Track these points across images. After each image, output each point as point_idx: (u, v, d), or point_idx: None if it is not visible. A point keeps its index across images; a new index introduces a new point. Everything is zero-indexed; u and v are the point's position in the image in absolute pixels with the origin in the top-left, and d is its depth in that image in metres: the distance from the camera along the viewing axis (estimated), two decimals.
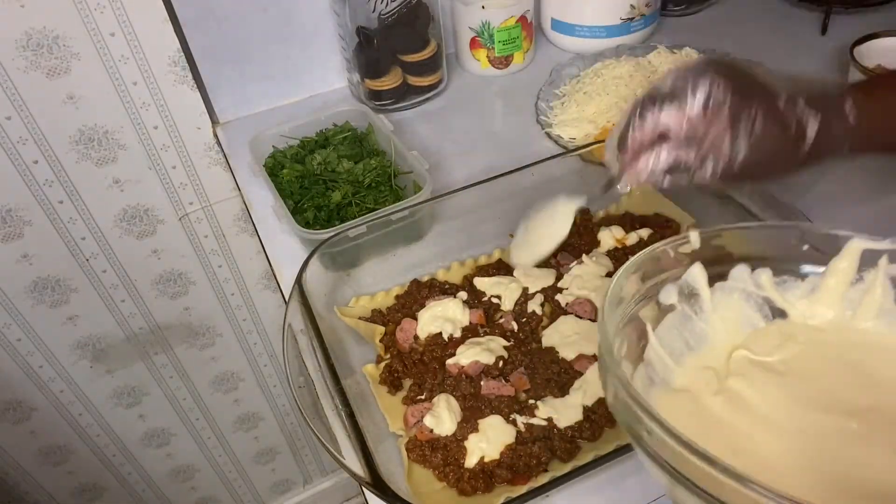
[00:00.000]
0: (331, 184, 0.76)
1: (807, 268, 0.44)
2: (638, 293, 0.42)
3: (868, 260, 0.42)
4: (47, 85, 0.82)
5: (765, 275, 0.44)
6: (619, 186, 0.58)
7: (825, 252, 0.43)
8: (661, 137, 0.53)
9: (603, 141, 0.76)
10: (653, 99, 0.53)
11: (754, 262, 0.44)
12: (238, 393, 1.29)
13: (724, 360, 0.42)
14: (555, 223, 0.64)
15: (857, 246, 0.42)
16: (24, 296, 0.97)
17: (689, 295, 0.43)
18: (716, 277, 0.44)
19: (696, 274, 0.43)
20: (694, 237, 0.43)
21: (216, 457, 1.37)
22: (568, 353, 0.61)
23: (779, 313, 0.44)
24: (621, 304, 0.41)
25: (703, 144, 0.51)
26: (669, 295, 0.43)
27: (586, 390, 0.58)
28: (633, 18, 0.98)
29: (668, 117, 0.52)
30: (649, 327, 0.41)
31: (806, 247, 0.43)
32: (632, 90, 0.85)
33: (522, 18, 0.95)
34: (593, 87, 0.89)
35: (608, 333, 0.38)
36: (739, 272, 0.44)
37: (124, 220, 0.97)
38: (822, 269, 0.43)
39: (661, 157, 0.53)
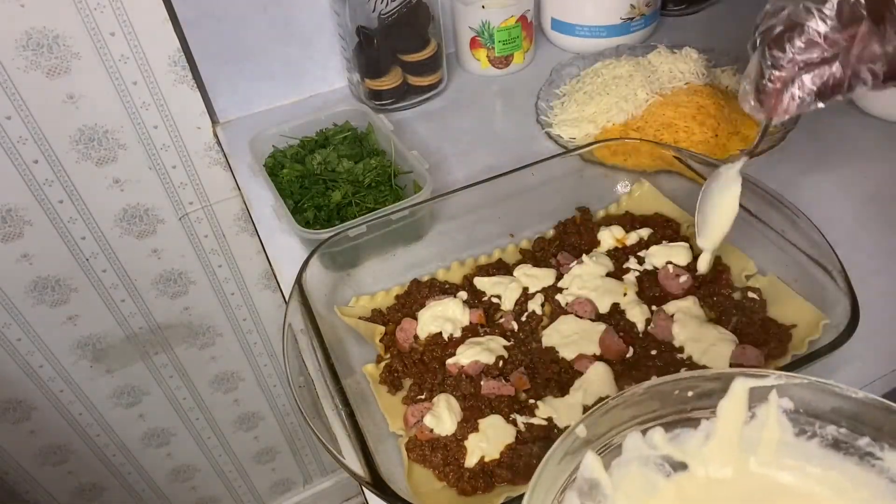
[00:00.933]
0: (331, 184, 0.76)
1: (698, 413, 0.42)
2: None
3: (759, 396, 0.40)
4: (47, 84, 0.82)
5: (657, 434, 0.41)
6: (774, 122, 0.54)
7: (712, 396, 0.41)
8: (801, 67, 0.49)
9: (603, 141, 0.77)
10: (775, 39, 0.49)
11: (646, 423, 0.41)
12: (238, 393, 1.29)
13: None
14: (725, 193, 0.62)
15: (741, 386, 0.40)
16: (24, 295, 0.97)
17: (590, 487, 0.40)
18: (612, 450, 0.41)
19: (590, 463, 0.39)
20: (580, 429, 0.39)
21: (216, 456, 1.37)
22: (568, 353, 0.61)
23: (680, 466, 0.42)
24: None
25: (849, 54, 0.47)
26: (572, 500, 0.39)
27: (586, 390, 0.58)
28: (634, 18, 0.98)
29: (802, 52, 0.48)
30: None
31: (691, 393, 0.41)
32: (632, 90, 0.85)
33: (522, 18, 0.95)
34: (593, 86, 0.89)
35: None
36: (632, 441, 0.41)
37: (124, 219, 0.97)
38: (712, 413, 0.41)
39: (807, 85, 0.49)
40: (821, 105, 0.51)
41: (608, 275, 0.67)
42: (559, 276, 0.68)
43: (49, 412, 1.11)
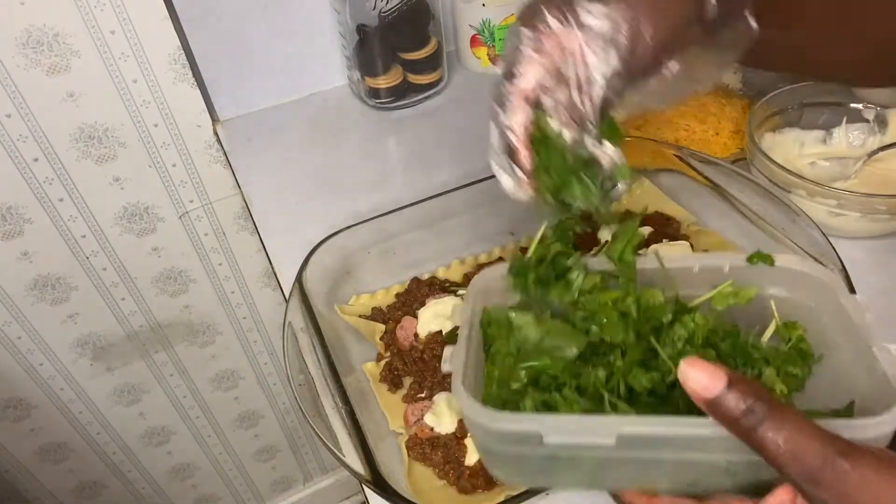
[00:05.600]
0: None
1: None
2: None
3: None
4: (47, 82, 0.82)
5: None
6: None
7: None
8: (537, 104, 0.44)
9: None
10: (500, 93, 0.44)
11: None
12: (238, 391, 1.29)
13: None
14: None
15: None
16: (24, 294, 0.97)
17: None
18: None
19: None
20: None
21: (216, 455, 1.37)
22: None
23: None
24: None
25: (571, 71, 0.42)
26: None
27: None
28: None
29: (521, 84, 0.43)
30: None
31: None
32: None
33: None
34: None
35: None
36: None
37: (124, 217, 0.97)
38: None
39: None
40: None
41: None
42: None
43: (49, 410, 1.11)
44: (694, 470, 0.39)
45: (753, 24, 0.45)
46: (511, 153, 0.45)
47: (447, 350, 0.43)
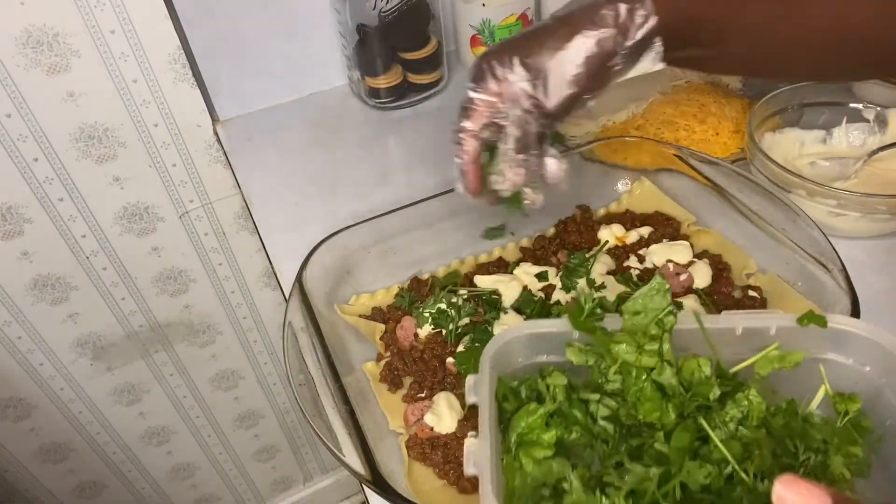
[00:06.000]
0: None
1: None
2: None
3: None
4: (47, 82, 0.81)
5: None
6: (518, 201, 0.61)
7: None
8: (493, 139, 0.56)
9: (604, 139, 0.76)
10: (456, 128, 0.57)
11: None
12: (238, 391, 1.29)
13: None
14: None
15: None
16: (24, 293, 0.97)
17: None
18: None
19: None
20: None
21: (216, 454, 1.37)
22: None
23: None
24: None
25: (517, 103, 0.53)
26: None
27: None
28: None
29: (469, 118, 0.55)
30: None
31: None
32: (633, 88, 0.85)
33: (523, 16, 0.95)
34: None
35: None
36: None
37: (124, 217, 0.97)
38: None
39: (510, 142, 0.55)
40: (522, 158, 0.56)
41: (608, 273, 0.67)
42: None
43: (49, 410, 1.11)
44: None
45: (660, 52, 0.51)
46: (462, 174, 0.59)
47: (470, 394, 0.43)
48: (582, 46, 0.51)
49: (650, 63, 0.52)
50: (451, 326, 0.64)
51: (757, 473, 0.37)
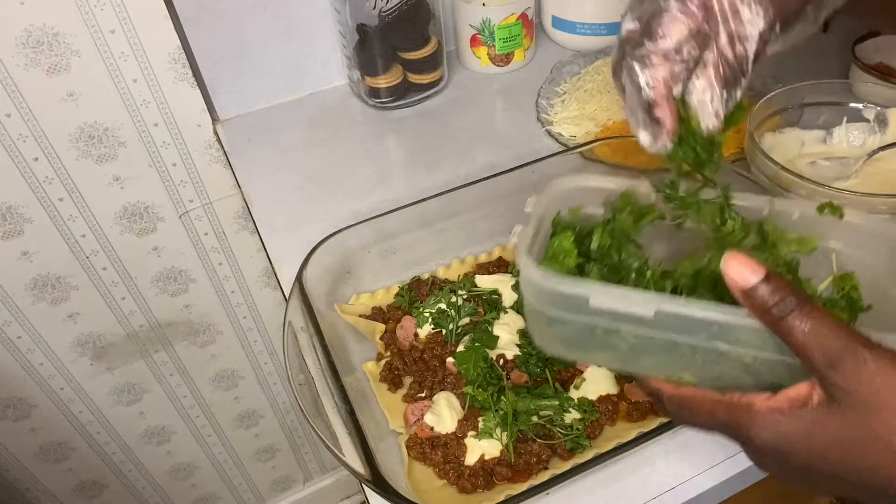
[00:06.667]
0: None
1: None
2: None
3: None
4: (47, 82, 0.81)
5: None
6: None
7: None
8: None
9: (604, 139, 0.76)
10: (631, 43, 0.46)
11: None
12: (238, 390, 1.29)
13: None
14: None
15: None
16: (24, 293, 0.97)
17: None
18: None
19: None
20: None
21: (216, 454, 1.37)
22: None
23: None
24: None
25: (719, 29, 0.43)
26: None
27: (587, 388, 0.58)
28: None
29: (666, 35, 0.44)
30: None
31: None
32: None
33: (523, 16, 0.95)
34: (594, 84, 0.89)
35: None
36: None
37: (124, 217, 0.97)
38: None
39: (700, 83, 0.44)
40: (736, 94, 0.45)
41: None
42: None
43: (49, 410, 1.11)
44: (720, 363, 0.40)
45: None
46: (650, 108, 0.45)
47: (516, 227, 0.47)
48: None
49: None
50: (451, 326, 0.64)
51: None
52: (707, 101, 0.45)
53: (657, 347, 0.41)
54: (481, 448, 0.55)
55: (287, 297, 0.62)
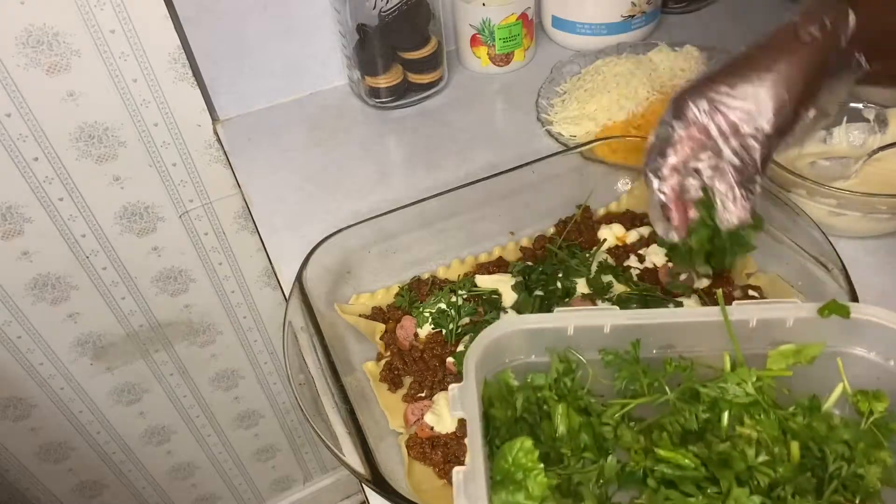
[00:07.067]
0: None
1: None
2: None
3: None
4: (47, 82, 0.81)
5: None
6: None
7: None
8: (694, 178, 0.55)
9: (604, 138, 0.76)
10: (651, 158, 0.56)
11: None
12: (238, 390, 1.29)
13: None
14: None
15: None
16: (24, 293, 0.97)
17: None
18: None
19: None
20: None
21: (216, 454, 1.37)
22: None
23: None
24: None
25: (728, 142, 0.52)
26: None
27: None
28: (634, 16, 0.98)
29: (673, 154, 0.54)
30: None
31: None
32: (633, 88, 0.85)
33: (523, 16, 0.95)
34: (594, 84, 0.89)
35: None
36: None
37: (124, 217, 0.97)
38: None
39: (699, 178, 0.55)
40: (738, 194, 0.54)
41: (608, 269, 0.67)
42: None
43: (49, 410, 1.11)
44: None
45: (864, 63, 0.52)
46: (664, 209, 0.57)
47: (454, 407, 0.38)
48: (794, 61, 0.51)
49: (851, 76, 0.52)
50: (451, 326, 0.64)
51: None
52: (728, 198, 0.54)
53: None
54: None
55: (287, 297, 0.62)
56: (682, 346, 0.41)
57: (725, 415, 0.37)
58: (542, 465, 0.34)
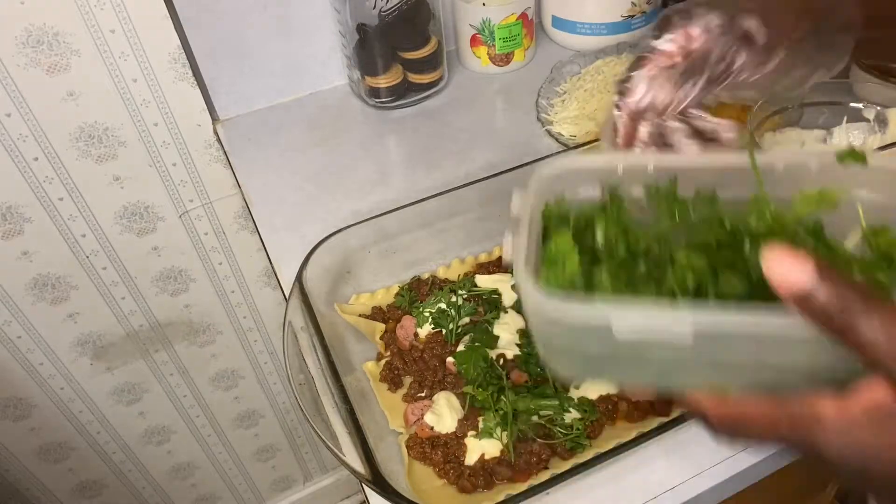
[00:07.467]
0: None
1: None
2: None
3: None
4: (47, 82, 0.81)
5: None
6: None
7: None
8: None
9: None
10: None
11: None
12: (238, 390, 1.29)
13: None
14: None
15: None
16: (24, 293, 0.97)
17: None
18: None
19: None
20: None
21: (216, 454, 1.37)
22: None
23: None
24: None
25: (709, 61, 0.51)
26: None
27: (586, 388, 0.58)
28: (635, 16, 0.98)
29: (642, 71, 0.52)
30: None
31: None
32: None
33: (523, 16, 0.95)
34: (594, 84, 0.89)
35: None
36: None
37: (124, 217, 0.97)
38: None
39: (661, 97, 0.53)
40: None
41: None
42: None
43: (49, 410, 1.11)
44: (771, 371, 0.35)
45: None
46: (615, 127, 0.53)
47: (507, 236, 0.42)
48: None
49: (846, 35, 0.50)
50: (451, 326, 0.64)
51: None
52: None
53: (698, 363, 0.36)
54: (481, 448, 0.55)
55: (287, 297, 0.62)
56: (721, 192, 0.44)
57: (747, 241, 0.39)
58: (577, 249, 0.40)
